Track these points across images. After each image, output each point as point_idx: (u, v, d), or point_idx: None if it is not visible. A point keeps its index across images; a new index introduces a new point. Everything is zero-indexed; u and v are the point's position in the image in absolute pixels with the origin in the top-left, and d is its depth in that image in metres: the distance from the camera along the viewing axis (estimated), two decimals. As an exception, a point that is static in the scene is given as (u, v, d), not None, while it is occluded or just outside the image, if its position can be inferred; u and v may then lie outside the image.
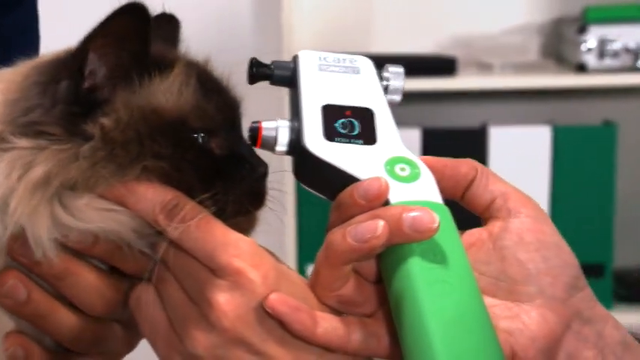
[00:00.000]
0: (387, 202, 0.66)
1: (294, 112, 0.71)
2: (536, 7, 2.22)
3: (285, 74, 0.73)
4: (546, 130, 2.04)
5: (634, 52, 2.00)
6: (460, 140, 2.06)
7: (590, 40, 2.01)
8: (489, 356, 0.63)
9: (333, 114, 0.70)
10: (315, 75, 0.73)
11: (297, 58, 0.74)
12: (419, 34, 2.22)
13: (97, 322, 0.73)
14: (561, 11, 2.21)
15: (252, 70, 0.73)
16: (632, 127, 2.18)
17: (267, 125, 0.70)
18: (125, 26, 0.68)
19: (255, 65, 0.73)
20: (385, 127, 0.71)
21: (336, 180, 0.67)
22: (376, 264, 0.68)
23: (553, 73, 2.12)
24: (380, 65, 0.76)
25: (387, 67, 0.75)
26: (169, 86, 0.71)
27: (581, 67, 2.02)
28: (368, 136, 0.70)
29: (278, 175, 0.76)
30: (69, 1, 1.78)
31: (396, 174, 0.67)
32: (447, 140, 2.05)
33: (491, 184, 0.70)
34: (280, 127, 0.69)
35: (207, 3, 2.19)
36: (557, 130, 2.04)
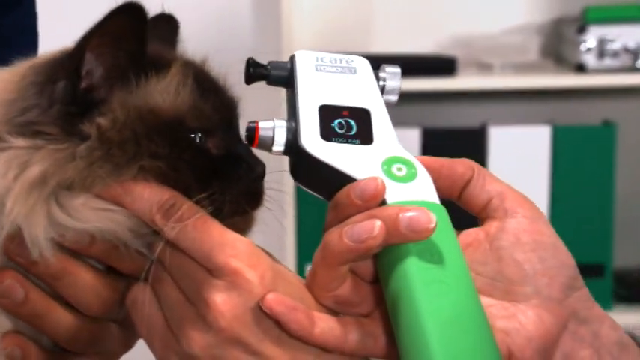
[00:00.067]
0: (383, 202, 0.66)
1: (290, 112, 0.71)
2: (536, 7, 2.22)
3: (282, 74, 0.73)
4: (546, 130, 2.04)
5: (633, 52, 2.00)
6: (460, 140, 2.05)
7: (590, 40, 2.01)
8: (486, 356, 0.63)
9: (330, 114, 0.70)
10: (312, 75, 0.73)
11: (293, 58, 0.74)
12: (419, 34, 2.22)
13: (94, 321, 0.73)
14: (561, 11, 2.21)
15: (249, 71, 0.73)
16: (632, 127, 2.18)
17: (263, 125, 0.69)
18: (122, 26, 0.68)
19: (252, 65, 0.73)
20: (382, 127, 0.71)
21: (333, 180, 0.67)
22: (373, 264, 0.68)
23: (553, 73, 2.12)
24: (380, 65, 0.76)
25: (384, 67, 0.75)
26: (166, 86, 0.71)
27: (581, 67, 2.02)
28: (365, 136, 0.69)
29: (277, 175, 0.75)
30: (68, 1, 1.78)
31: (393, 174, 0.67)
32: (446, 140, 2.05)
33: (488, 184, 0.70)
34: (277, 127, 0.69)
35: (207, 3, 2.19)
36: (557, 130, 2.04)
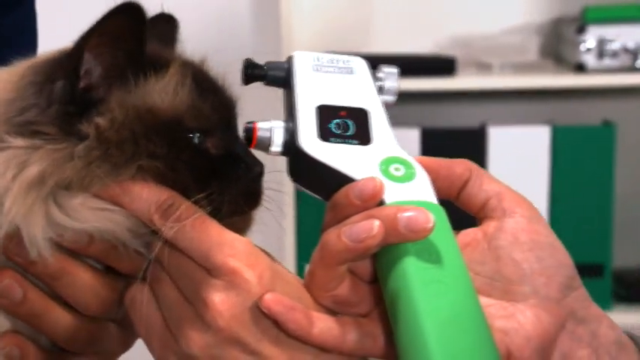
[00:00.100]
0: (382, 202, 0.66)
1: (287, 112, 0.71)
2: (536, 7, 2.22)
3: (279, 75, 0.73)
4: (545, 130, 2.04)
5: (633, 52, 2.00)
6: (459, 140, 2.05)
7: (589, 40, 2.01)
8: (485, 356, 0.62)
9: (327, 114, 0.70)
10: (310, 75, 0.73)
11: (291, 58, 0.74)
12: (418, 34, 2.22)
13: (92, 321, 0.73)
14: (560, 11, 2.21)
15: (247, 71, 0.73)
16: (631, 127, 2.18)
17: (261, 126, 0.69)
18: (120, 26, 0.68)
19: (249, 66, 0.73)
20: (380, 127, 0.71)
21: (331, 180, 0.67)
22: (371, 264, 0.68)
23: (552, 73, 2.12)
24: (377, 66, 0.76)
25: (381, 67, 0.75)
26: (165, 86, 0.71)
27: (580, 67, 2.02)
28: (363, 137, 0.69)
29: (276, 176, 0.75)
30: (67, 1, 1.78)
31: (391, 174, 0.67)
32: (446, 140, 2.05)
33: (486, 184, 0.70)
34: (275, 128, 0.69)
35: (207, 3, 2.19)
36: (557, 130, 2.04)
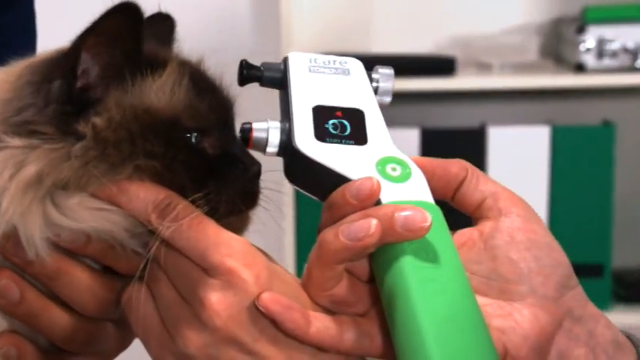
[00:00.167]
0: (378, 202, 0.66)
1: (283, 113, 0.71)
2: (535, 7, 2.22)
3: (275, 76, 0.73)
4: (545, 130, 2.03)
5: (632, 52, 1.99)
6: (459, 140, 2.05)
7: (589, 40, 2.01)
8: (483, 355, 0.63)
9: (323, 115, 0.70)
10: (306, 76, 0.73)
11: (287, 60, 0.74)
12: (418, 34, 2.22)
13: (90, 321, 0.73)
14: (560, 11, 2.21)
15: (242, 72, 0.73)
16: (631, 127, 2.18)
17: (257, 126, 0.70)
18: (118, 25, 0.68)
19: (245, 67, 0.73)
20: (376, 127, 0.71)
21: (328, 180, 0.67)
22: (368, 264, 0.68)
23: (552, 73, 2.11)
24: (373, 67, 0.76)
25: (377, 68, 0.75)
26: (162, 85, 0.71)
27: (580, 67, 2.02)
28: (359, 137, 0.70)
29: (276, 176, 0.75)
30: (66, 1, 1.78)
31: (388, 174, 0.67)
32: (446, 140, 2.05)
33: (482, 184, 0.71)
34: (271, 129, 0.69)
35: (207, 3, 2.19)
36: (556, 130, 2.03)
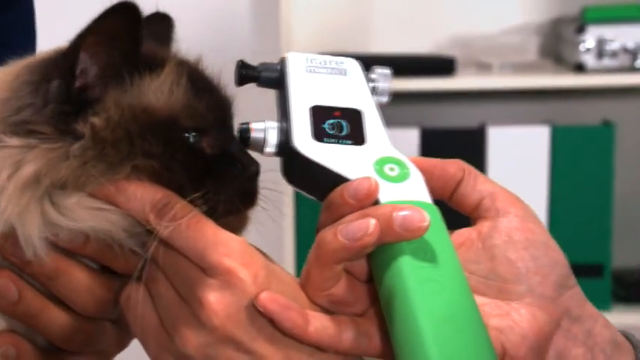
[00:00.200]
0: (376, 202, 0.66)
1: (281, 113, 0.71)
2: (535, 7, 2.22)
3: (273, 76, 0.73)
4: (545, 130, 2.04)
5: (632, 52, 2.00)
6: (459, 140, 2.05)
7: (589, 40, 2.01)
8: (481, 354, 0.63)
9: (321, 115, 0.70)
10: (303, 76, 0.73)
11: (284, 60, 0.74)
12: (418, 34, 2.22)
13: (88, 321, 0.73)
14: (560, 11, 2.21)
15: (240, 73, 0.73)
16: (631, 127, 2.18)
17: (255, 126, 0.70)
18: (116, 25, 0.68)
19: (243, 67, 0.73)
20: (374, 127, 0.71)
21: (326, 180, 0.67)
22: (367, 263, 0.68)
23: (551, 73, 2.12)
24: (371, 67, 0.76)
25: (375, 68, 0.75)
26: (160, 85, 0.71)
27: (580, 67, 2.02)
28: (357, 137, 0.70)
29: (275, 176, 0.75)
30: (66, 1, 1.78)
31: (386, 174, 0.67)
32: (445, 140, 2.05)
33: (480, 184, 0.71)
34: (269, 129, 0.69)
35: (207, 3, 2.19)
36: (556, 130, 2.04)
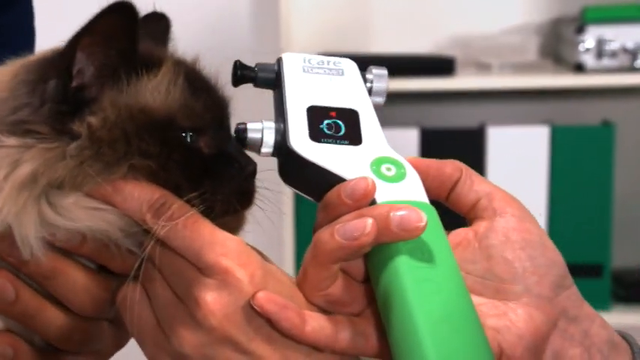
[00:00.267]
0: (373, 202, 0.66)
1: (277, 114, 0.71)
2: (535, 7, 2.22)
3: (269, 77, 0.73)
4: (544, 130, 2.03)
5: (632, 52, 1.99)
6: (458, 140, 2.05)
7: (589, 40, 2.01)
8: (478, 354, 0.63)
9: (318, 115, 0.70)
10: (300, 77, 0.73)
11: (280, 60, 0.74)
12: (417, 34, 2.22)
13: (85, 321, 0.73)
14: (559, 11, 2.21)
15: (236, 73, 0.73)
16: (630, 127, 2.18)
17: (252, 127, 0.70)
18: (113, 25, 0.68)
19: (239, 68, 0.73)
20: (370, 127, 0.71)
21: (323, 180, 0.67)
22: (364, 263, 0.68)
23: (551, 73, 2.11)
24: (367, 67, 0.76)
25: (371, 69, 0.75)
26: (157, 85, 0.71)
27: (580, 67, 2.02)
28: (353, 137, 0.70)
29: (275, 175, 0.75)
30: (65, 1, 1.78)
31: (382, 174, 0.67)
32: (445, 140, 2.05)
33: (476, 184, 0.71)
34: (266, 129, 0.69)
35: (207, 3, 2.19)
36: (556, 130, 2.03)
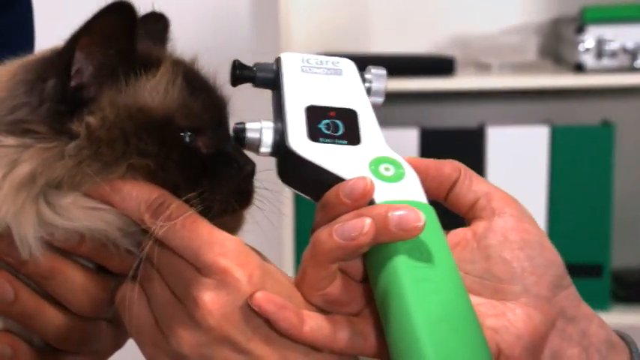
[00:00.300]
0: (372, 202, 0.66)
1: (276, 113, 0.71)
2: (534, 7, 2.22)
3: (268, 76, 0.73)
4: (544, 130, 2.03)
5: (631, 52, 1.99)
6: (458, 140, 2.05)
7: (588, 40, 2.01)
8: (476, 354, 0.63)
9: (316, 115, 0.70)
10: (298, 77, 0.73)
11: (279, 60, 0.74)
12: (417, 33, 2.22)
13: (84, 320, 0.73)
14: (559, 11, 2.21)
15: (235, 73, 0.73)
16: (630, 127, 2.18)
17: (251, 126, 0.70)
18: (112, 25, 0.68)
19: (238, 67, 0.73)
20: (369, 127, 0.71)
21: (321, 180, 0.67)
22: (362, 263, 0.68)
23: (551, 73, 2.11)
24: (366, 67, 0.76)
25: (370, 68, 0.75)
26: (156, 85, 0.71)
27: (579, 67, 2.02)
28: (352, 137, 0.70)
29: (275, 175, 0.75)
30: (64, 0, 1.78)
31: (381, 174, 0.67)
32: (445, 140, 2.04)
33: (475, 184, 0.71)
34: (264, 129, 0.69)
35: (206, 3, 2.19)
36: (555, 130, 2.03)
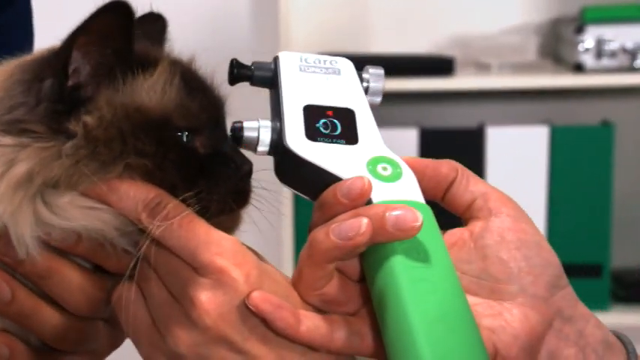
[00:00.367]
0: (369, 202, 0.66)
1: (274, 112, 0.71)
2: (534, 7, 2.22)
3: (266, 75, 0.73)
4: (544, 130, 2.03)
5: (631, 52, 1.99)
6: (458, 140, 2.05)
7: (588, 40, 2.01)
8: (473, 354, 0.63)
9: (314, 114, 0.70)
10: (296, 76, 0.73)
11: (277, 59, 0.74)
12: (417, 33, 2.22)
13: (81, 320, 0.73)
14: (559, 11, 2.21)
15: (233, 72, 0.72)
16: (630, 127, 2.18)
17: (248, 125, 0.69)
18: (109, 24, 0.68)
19: (236, 66, 0.73)
20: (366, 127, 0.71)
21: (319, 179, 0.67)
22: (359, 263, 0.68)
23: (551, 73, 2.11)
24: (364, 67, 0.76)
25: (367, 68, 0.75)
26: (153, 84, 0.71)
27: (579, 67, 2.02)
28: (350, 136, 0.70)
29: (274, 175, 0.75)
30: (63, 0, 1.78)
31: (378, 173, 0.67)
32: (444, 140, 2.05)
33: (472, 184, 0.71)
34: (262, 127, 0.69)
35: (205, 3, 2.19)
36: (555, 130, 2.03)
